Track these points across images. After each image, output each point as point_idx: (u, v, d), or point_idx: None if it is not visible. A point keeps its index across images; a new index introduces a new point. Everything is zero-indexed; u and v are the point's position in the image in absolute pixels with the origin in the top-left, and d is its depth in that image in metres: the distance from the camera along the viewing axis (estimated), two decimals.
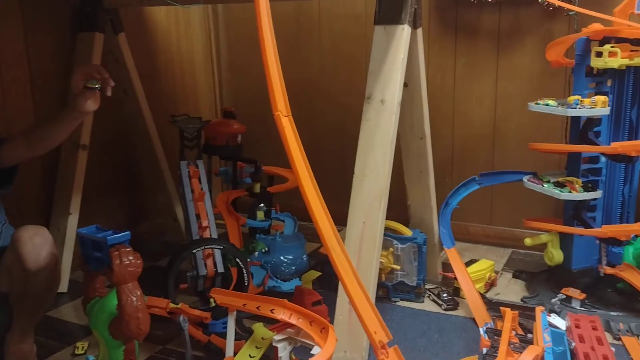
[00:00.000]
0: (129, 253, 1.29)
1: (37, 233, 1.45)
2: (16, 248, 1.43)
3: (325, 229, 0.89)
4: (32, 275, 1.43)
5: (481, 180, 2.03)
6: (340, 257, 0.84)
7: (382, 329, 0.83)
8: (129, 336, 1.31)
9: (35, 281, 1.45)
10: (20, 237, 1.43)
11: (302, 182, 0.88)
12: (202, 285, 1.92)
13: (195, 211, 2.01)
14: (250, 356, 1.50)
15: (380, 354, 0.80)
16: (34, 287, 1.46)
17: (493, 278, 2.00)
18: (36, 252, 1.42)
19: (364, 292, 0.84)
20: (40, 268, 1.43)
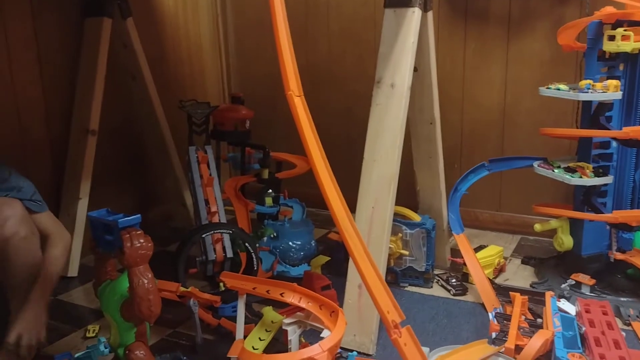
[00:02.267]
0: (140, 236, 1.29)
1: (5, 203, 1.47)
2: None
3: (338, 209, 0.89)
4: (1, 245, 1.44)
5: (490, 166, 2.02)
6: (352, 236, 0.84)
7: (394, 309, 0.83)
8: (141, 318, 1.31)
9: (9, 252, 1.46)
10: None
11: (315, 162, 0.87)
12: (211, 270, 1.93)
13: (204, 196, 2.02)
14: (260, 339, 1.51)
15: (393, 334, 0.81)
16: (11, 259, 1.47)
17: (502, 264, 1.99)
18: (1, 222, 1.44)
19: (376, 272, 0.84)
20: (7, 237, 1.44)
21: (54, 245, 1.60)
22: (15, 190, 1.54)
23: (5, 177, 1.53)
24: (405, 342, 0.81)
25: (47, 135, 2.07)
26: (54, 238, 1.61)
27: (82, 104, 2.07)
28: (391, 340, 0.82)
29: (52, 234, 1.61)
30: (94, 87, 2.04)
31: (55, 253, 1.59)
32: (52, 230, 1.61)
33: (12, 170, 1.57)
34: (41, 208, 1.60)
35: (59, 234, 1.63)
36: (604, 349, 1.33)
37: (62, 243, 1.63)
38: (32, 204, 1.57)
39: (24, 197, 1.55)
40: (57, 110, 2.09)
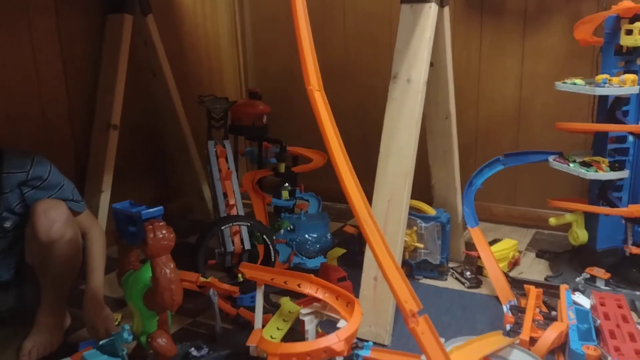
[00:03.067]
0: (163, 227, 1.33)
1: (52, 206, 1.51)
2: (31, 220, 1.49)
3: (357, 199, 0.91)
4: (46, 247, 1.50)
5: (506, 161, 2.03)
6: (370, 227, 0.86)
7: (412, 298, 0.85)
8: (163, 307, 1.35)
9: (53, 253, 1.51)
10: (35, 210, 1.49)
11: (334, 154, 0.89)
12: (229, 262, 1.97)
13: (222, 189, 2.06)
14: (278, 329, 1.55)
15: (411, 322, 0.83)
16: (54, 259, 1.52)
17: (516, 257, 2.01)
18: (48, 225, 1.48)
19: (393, 262, 0.87)
20: (53, 240, 1.49)
21: (95, 239, 1.66)
22: (57, 189, 1.58)
23: (44, 175, 1.56)
24: (423, 331, 0.84)
25: (70, 130, 2.13)
26: (93, 235, 1.67)
27: (104, 99, 2.12)
28: (409, 329, 0.84)
29: (90, 231, 1.66)
30: (116, 83, 2.09)
31: (99, 248, 1.66)
32: (90, 227, 1.67)
33: (52, 165, 1.59)
34: (82, 208, 1.65)
35: (97, 231, 1.69)
36: (619, 341, 1.34)
37: (101, 237, 1.70)
38: (74, 205, 1.62)
39: (67, 197, 1.60)
40: (80, 106, 2.14)
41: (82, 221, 1.65)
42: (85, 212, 1.68)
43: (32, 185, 1.55)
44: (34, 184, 1.55)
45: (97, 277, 1.63)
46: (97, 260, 1.64)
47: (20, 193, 1.54)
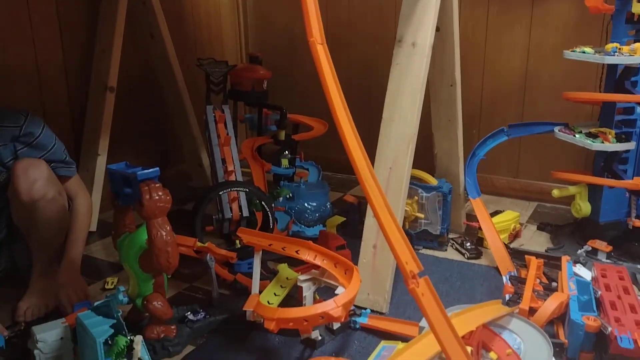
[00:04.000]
0: (159, 189, 1.30)
1: (32, 165, 1.48)
2: (11, 180, 1.47)
3: (358, 157, 0.88)
4: (29, 207, 1.48)
5: (510, 132, 1.99)
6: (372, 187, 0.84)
7: (412, 260, 0.83)
8: (159, 269, 1.33)
9: (37, 214, 1.49)
10: (14, 170, 1.47)
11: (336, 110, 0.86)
12: (227, 228, 1.95)
13: (221, 155, 2.03)
14: (275, 294, 1.53)
15: (411, 284, 0.81)
16: (38, 220, 1.50)
17: (517, 229, 1.99)
18: (29, 184, 1.46)
19: (395, 224, 0.84)
20: (35, 200, 1.47)
21: (80, 205, 1.65)
22: (49, 150, 1.55)
23: (37, 132, 1.53)
24: (423, 293, 0.82)
25: (66, 92, 2.08)
26: (79, 203, 1.65)
27: (100, 61, 2.07)
28: (409, 290, 0.82)
29: (77, 199, 1.65)
30: (113, 44, 2.04)
31: (82, 215, 1.64)
32: (78, 194, 1.65)
33: (46, 125, 1.56)
34: (72, 172, 1.63)
35: (83, 199, 1.67)
36: (620, 312, 1.33)
37: (87, 203, 1.68)
38: (65, 169, 1.60)
39: (58, 158, 1.57)
40: (76, 67, 2.09)
41: (70, 186, 1.63)
42: (75, 177, 1.66)
43: (25, 142, 1.52)
44: (27, 141, 1.52)
45: (76, 247, 1.61)
46: (79, 231, 1.62)
47: (14, 149, 1.52)
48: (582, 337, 1.31)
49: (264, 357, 1.38)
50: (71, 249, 1.60)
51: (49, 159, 1.55)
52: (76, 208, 1.64)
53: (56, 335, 1.28)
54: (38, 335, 1.27)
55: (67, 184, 1.62)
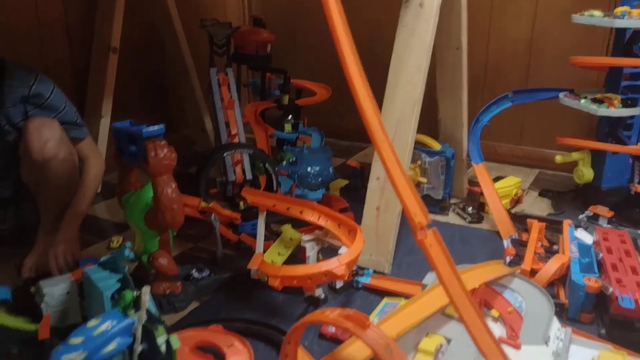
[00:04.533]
0: (164, 146, 1.30)
1: (45, 124, 1.47)
2: (23, 138, 1.46)
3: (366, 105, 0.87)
4: (40, 166, 1.47)
5: (514, 98, 1.98)
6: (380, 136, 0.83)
7: (421, 211, 0.83)
8: (164, 226, 1.34)
9: (48, 173, 1.49)
10: (27, 128, 1.46)
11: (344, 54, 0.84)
12: (230, 191, 1.95)
13: (224, 119, 2.02)
14: (279, 254, 1.55)
15: (419, 235, 0.82)
16: (48, 179, 1.50)
17: (519, 195, 1.99)
18: (41, 144, 1.45)
19: (403, 175, 0.84)
20: (47, 159, 1.46)
21: (90, 167, 1.63)
22: (59, 111, 1.54)
23: (46, 93, 1.52)
24: (431, 244, 0.82)
25: (68, 53, 2.06)
26: (91, 163, 1.64)
27: (103, 20, 2.04)
28: (417, 241, 0.83)
29: (89, 160, 1.63)
30: (115, 4, 2.01)
31: (91, 176, 1.62)
32: (90, 156, 1.64)
33: (56, 86, 1.55)
34: (84, 134, 1.62)
35: (96, 161, 1.66)
36: (621, 274, 1.34)
37: (98, 165, 1.66)
38: (76, 130, 1.58)
39: (69, 120, 1.56)
40: (79, 27, 2.07)
41: (83, 148, 1.62)
42: (87, 139, 1.64)
43: (35, 103, 1.51)
44: (36, 102, 1.51)
45: (80, 209, 1.58)
46: (85, 193, 1.60)
47: (24, 110, 1.51)
48: (582, 298, 1.33)
49: (268, 314, 1.40)
50: (74, 210, 1.59)
51: (60, 121, 1.54)
52: (86, 170, 1.62)
53: (62, 290, 1.29)
54: (45, 289, 1.28)
55: (79, 146, 1.60)
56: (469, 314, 0.83)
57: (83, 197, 1.60)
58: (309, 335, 1.31)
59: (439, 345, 1.01)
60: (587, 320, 1.34)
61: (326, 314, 0.91)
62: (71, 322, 1.30)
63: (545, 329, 1.16)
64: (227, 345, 1.22)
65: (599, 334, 1.29)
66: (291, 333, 0.95)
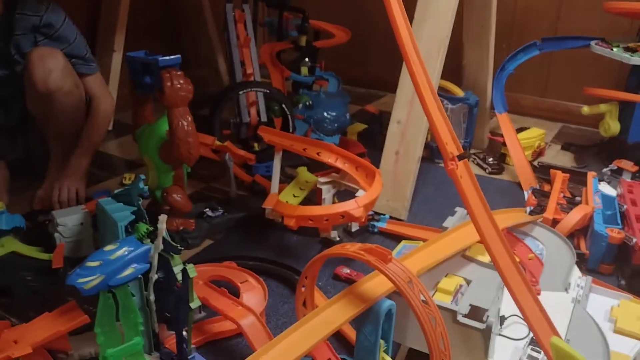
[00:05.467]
0: (180, 76, 1.26)
1: (48, 54, 1.43)
2: (27, 68, 1.42)
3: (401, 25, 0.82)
4: (45, 98, 1.44)
5: (542, 45, 1.90)
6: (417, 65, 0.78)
7: (453, 141, 0.79)
8: (179, 160, 1.31)
9: (53, 105, 1.46)
10: (30, 58, 1.42)
11: None
12: (244, 133, 1.91)
13: (239, 58, 1.96)
14: (294, 196, 1.52)
15: (450, 165, 0.78)
16: (54, 112, 1.48)
17: (542, 147, 1.94)
18: (45, 75, 1.42)
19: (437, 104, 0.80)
20: (52, 91, 1.43)
21: (100, 104, 1.59)
22: (69, 43, 1.50)
23: (57, 24, 1.47)
24: (462, 175, 0.79)
25: None
26: (102, 98, 1.60)
27: None
28: (447, 171, 0.79)
29: (98, 99, 1.59)
30: None
31: (101, 113, 1.58)
32: (99, 94, 1.59)
33: (67, 17, 1.50)
34: (92, 70, 1.57)
35: (104, 95, 1.61)
36: None
37: (107, 103, 1.62)
38: (85, 66, 1.54)
39: (78, 54, 1.52)
40: None
41: (91, 85, 1.57)
42: (96, 75, 1.59)
43: (45, 33, 1.47)
44: (47, 32, 1.47)
45: (87, 148, 1.56)
46: (94, 132, 1.57)
47: (34, 40, 1.47)
48: (604, 249, 1.31)
49: (282, 254, 1.39)
50: (83, 147, 1.56)
51: (69, 54, 1.50)
52: (95, 107, 1.58)
53: (76, 220, 1.28)
54: (58, 219, 1.27)
55: (87, 83, 1.56)
56: (497, 246, 0.80)
57: (92, 134, 1.57)
58: (322, 276, 1.30)
59: (458, 285, 0.98)
60: (606, 272, 1.32)
61: (346, 247, 0.88)
62: (84, 253, 1.28)
63: (565, 276, 1.13)
64: (240, 280, 1.21)
65: (618, 285, 1.27)
66: (309, 267, 0.92)
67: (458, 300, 0.96)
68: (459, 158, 0.79)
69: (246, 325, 1.02)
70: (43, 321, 0.92)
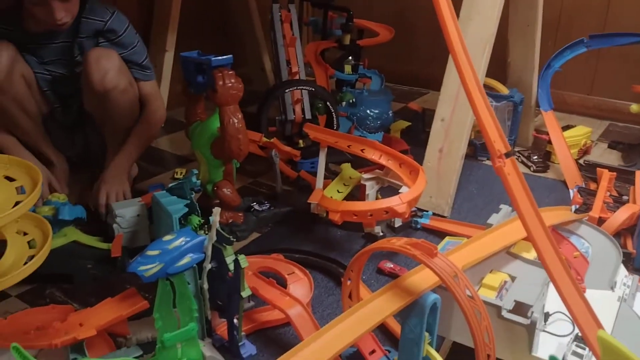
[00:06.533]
0: (232, 76, 1.31)
1: (104, 55, 1.49)
2: (84, 69, 1.49)
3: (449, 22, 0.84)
4: (102, 97, 1.50)
5: (590, 42, 1.87)
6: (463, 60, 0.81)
7: (500, 139, 0.81)
8: (230, 156, 1.37)
9: (109, 104, 1.52)
10: (87, 58, 1.49)
11: None
12: (289, 130, 1.96)
13: (285, 57, 2.01)
14: (338, 192, 1.55)
15: (498, 162, 0.80)
16: (110, 110, 1.54)
17: (588, 145, 1.91)
18: (101, 74, 1.48)
19: (485, 101, 0.82)
20: (107, 90, 1.49)
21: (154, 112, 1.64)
22: (129, 49, 1.56)
23: (120, 30, 1.54)
24: (509, 172, 0.80)
25: None
26: (155, 105, 1.65)
27: None
28: (495, 168, 0.81)
29: (152, 102, 1.64)
30: None
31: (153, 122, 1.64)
32: (151, 98, 1.64)
33: (131, 25, 1.57)
34: (149, 77, 1.63)
35: (158, 103, 1.67)
36: None
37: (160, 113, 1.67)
38: (139, 73, 1.60)
39: (137, 60, 1.58)
40: None
41: (146, 90, 1.62)
42: (151, 82, 1.64)
43: (108, 38, 1.54)
44: (109, 37, 1.54)
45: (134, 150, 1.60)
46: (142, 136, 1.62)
47: (97, 43, 1.54)
48: None
49: (326, 247, 1.42)
50: (128, 149, 1.60)
51: (127, 59, 1.56)
52: (148, 113, 1.63)
53: (134, 212, 1.35)
54: (117, 210, 1.34)
55: (142, 89, 1.61)
56: (544, 242, 0.81)
57: (139, 141, 1.61)
58: (366, 270, 1.33)
59: (503, 281, 1.00)
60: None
61: (392, 242, 0.91)
62: (141, 243, 1.36)
63: (611, 275, 1.13)
64: (287, 272, 1.25)
65: None
66: (355, 260, 0.96)
67: (502, 296, 0.97)
68: (506, 155, 0.80)
69: (294, 315, 1.06)
70: (106, 306, 0.99)
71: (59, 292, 1.24)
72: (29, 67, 1.53)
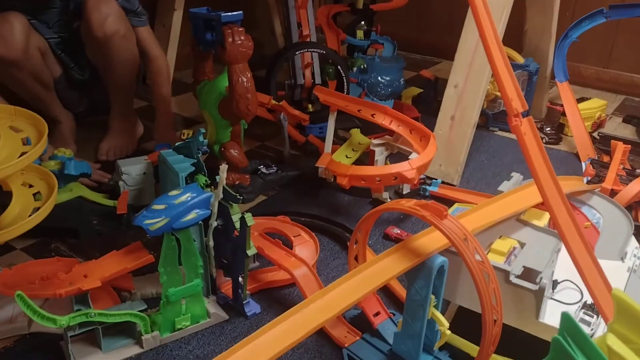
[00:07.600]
0: (241, 32, 1.27)
1: (102, 0, 1.47)
2: (84, 16, 1.47)
3: None
4: (103, 44, 1.49)
5: (610, 13, 1.81)
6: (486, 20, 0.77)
7: (518, 98, 0.79)
8: (238, 116, 1.34)
9: (111, 51, 1.51)
10: (86, 6, 1.46)
11: None
12: (298, 95, 1.93)
13: (296, 19, 1.96)
14: (347, 157, 1.53)
15: (514, 121, 0.77)
16: (112, 57, 1.52)
17: (602, 119, 1.88)
18: (101, 19, 1.46)
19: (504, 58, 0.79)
20: (108, 36, 1.48)
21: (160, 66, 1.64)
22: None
23: None
24: (525, 132, 0.78)
25: None
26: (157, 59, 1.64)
27: None
28: (511, 127, 0.78)
29: (153, 56, 1.63)
30: None
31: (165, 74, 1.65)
32: (152, 50, 1.63)
33: None
34: (144, 23, 1.61)
35: (159, 53, 1.65)
36: None
37: (165, 64, 1.67)
38: (135, 19, 1.58)
39: (129, 8, 1.56)
40: None
41: (142, 37, 1.61)
42: (146, 28, 1.63)
43: None
44: None
45: (165, 104, 1.65)
46: (164, 89, 1.64)
47: None
48: None
49: (333, 212, 1.41)
50: (160, 106, 1.64)
51: (122, 6, 1.54)
52: (157, 68, 1.63)
53: (140, 170, 1.34)
54: (123, 168, 1.33)
55: (140, 35, 1.60)
56: (558, 203, 0.79)
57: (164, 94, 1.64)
58: (373, 235, 1.32)
59: (512, 247, 0.98)
60: None
61: (402, 203, 0.90)
62: (146, 201, 1.35)
63: (622, 246, 1.11)
64: (293, 234, 1.24)
65: None
66: (363, 221, 0.94)
67: (511, 261, 0.96)
68: (523, 115, 0.78)
69: (299, 275, 1.05)
70: (111, 258, 0.98)
71: (63, 246, 1.24)
72: (41, 36, 1.52)
